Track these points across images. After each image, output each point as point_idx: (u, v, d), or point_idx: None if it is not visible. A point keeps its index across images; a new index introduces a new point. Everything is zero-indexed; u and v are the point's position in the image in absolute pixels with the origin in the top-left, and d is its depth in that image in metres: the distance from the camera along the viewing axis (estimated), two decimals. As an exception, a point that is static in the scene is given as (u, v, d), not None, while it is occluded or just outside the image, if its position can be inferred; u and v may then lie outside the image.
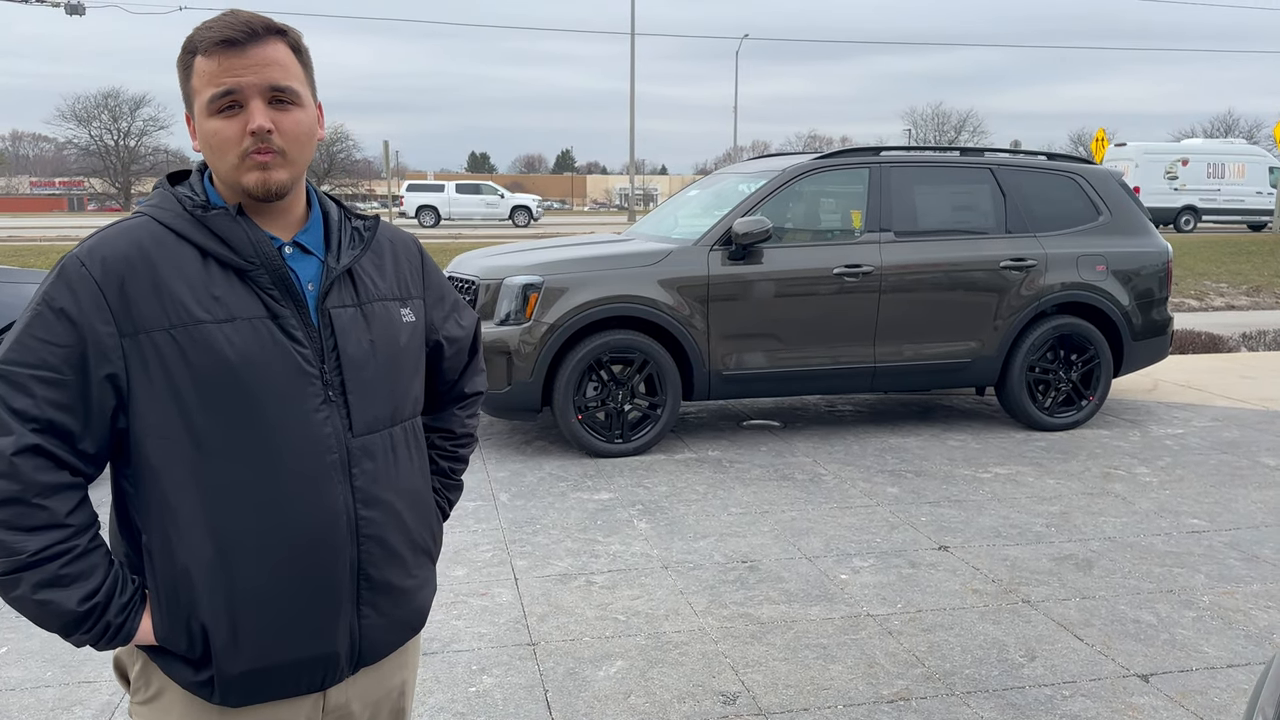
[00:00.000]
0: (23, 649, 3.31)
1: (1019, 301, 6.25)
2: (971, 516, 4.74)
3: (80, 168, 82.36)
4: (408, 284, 1.52)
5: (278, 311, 1.34)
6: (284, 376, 1.33)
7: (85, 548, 1.29)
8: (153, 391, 1.29)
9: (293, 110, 1.34)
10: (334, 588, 1.38)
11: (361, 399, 1.39)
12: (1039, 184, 6.51)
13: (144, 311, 1.28)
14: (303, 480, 1.34)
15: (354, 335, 1.40)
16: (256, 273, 1.33)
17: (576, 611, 3.65)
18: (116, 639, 1.33)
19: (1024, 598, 3.81)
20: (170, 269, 1.30)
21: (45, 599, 1.27)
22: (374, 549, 1.41)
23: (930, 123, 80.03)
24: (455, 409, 1.69)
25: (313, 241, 1.41)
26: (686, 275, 5.76)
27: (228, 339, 1.30)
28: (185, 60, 1.35)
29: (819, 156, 6.30)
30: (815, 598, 3.78)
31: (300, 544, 1.34)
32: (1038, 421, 6.39)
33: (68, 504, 1.28)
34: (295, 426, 1.33)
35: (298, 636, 1.37)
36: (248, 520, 1.32)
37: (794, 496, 5.02)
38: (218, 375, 1.29)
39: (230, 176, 1.34)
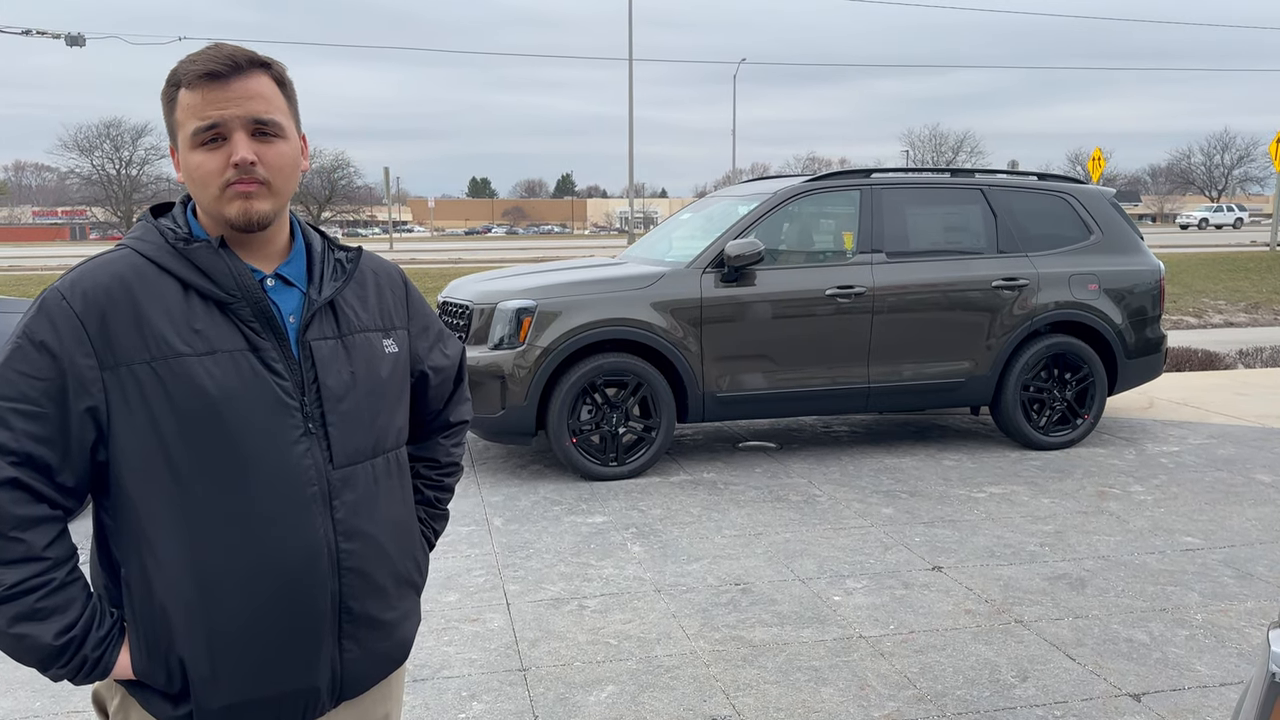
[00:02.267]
0: (11, 679, 3.30)
1: (1012, 321, 6.26)
2: (966, 536, 4.73)
3: (83, 197, 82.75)
4: (390, 315, 1.51)
5: (258, 344, 1.33)
6: (264, 409, 1.32)
7: (62, 581, 1.28)
8: (132, 424, 1.29)
9: (276, 142, 1.35)
10: (315, 622, 1.37)
11: (342, 431, 1.39)
12: (1030, 204, 6.54)
13: (124, 344, 1.28)
14: (283, 513, 1.33)
15: (334, 367, 1.39)
16: (238, 305, 1.33)
17: (568, 636, 3.64)
18: (94, 673, 1.32)
19: (1017, 618, 3.80)
20: (151, 301, 1.30)
21: (22, 633, 1.26)
22: (355, 581, 1.40)
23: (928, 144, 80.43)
24: (440, 438, 1.68)
25: (295, 273, 1.41)
26: (679, 298, 5.79)
27: (208, 372, 1.30)
28: (169, 93, 1.36)
29: (811, 179, 6.33)
30: (808, 620, 3.77)
31: (281, 579, 1.34)
32: (1033, 440, 6.39)
33: (45, 537, 1.27)
34: (275, 459, 1.33)
35: (278, 671, 1.36)
36: (227, 555, 1.31)
37: (788, 518, 5.01)
38: (197, 408, 1.29)
39: (213, 207, 1.34)
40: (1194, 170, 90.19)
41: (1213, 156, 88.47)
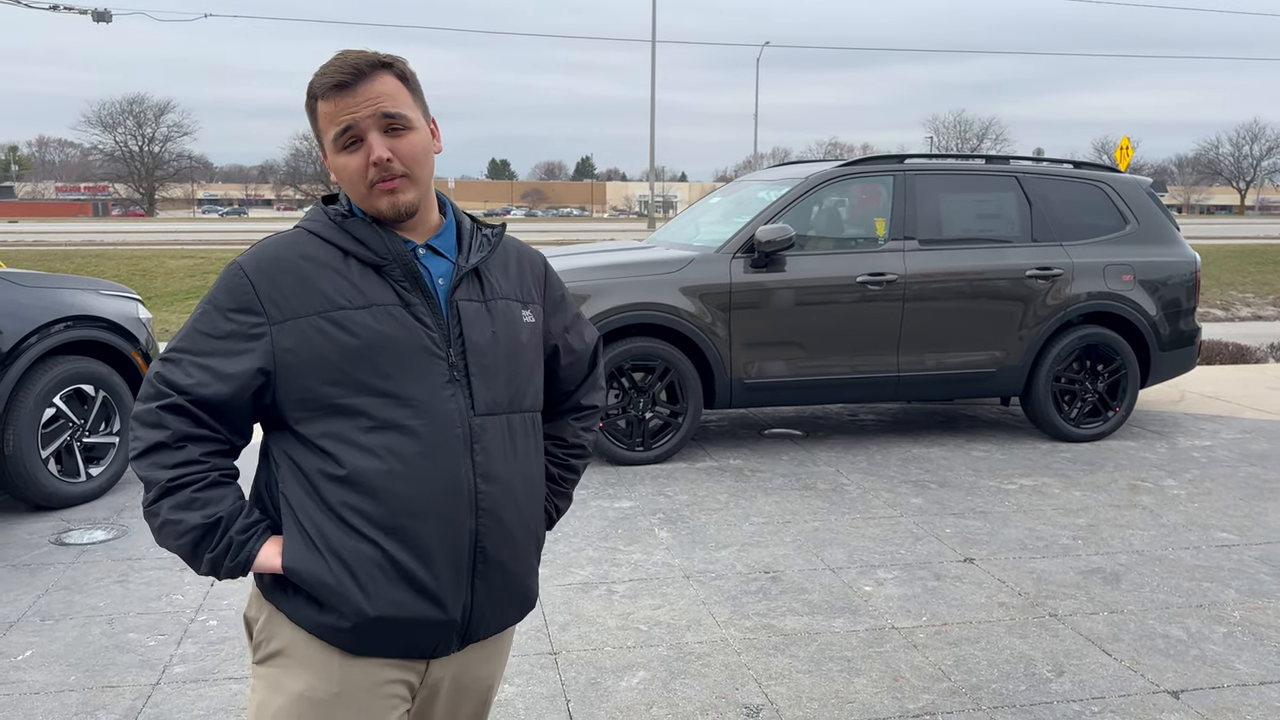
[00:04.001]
0: (46, 652, 3.32)
1: (1045, 311, 6.18)
2: (997, 528, 4.69)
3: (105, 173, 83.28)
4: (530, 290, 1.64)
5: (409, 300, 1.48)
6: (414, 354, 1.46)
7: (215, 480, 1.45)
8: (300, 369, 1.44)
9: (407, 134, 1.48)
10: (456, 556, 1.47)
11: (483, 382, 1.51)
12: (1065, 192, 6.45)
13: (291, 303, 1.45)
14: (431, 449, 1.45)
15: (479, 325, 1.52)
16: (390, 267, 1.48)
17: (598, 621, 3.62)
18: (239, 559, 1.44)
19: (1051, 611, 3.76)
20: (314, 266, 1.47)
21: (177, 518, 1.42)
22: (491, 524, 1.50)
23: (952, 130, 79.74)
24: (570, 419, 1.78)
25: (445, 245, 1.56)
26: (709, 283, 5.74)
27: (364, 323, 1.45)
28: (310, 105, 1.50)
29: (843, 164, 6.26)
30: (839, 610, 3.74)
31: (423, 508, 1.45)
32: (1063, 432, 6.32)
33: (204, 449, 1.46)
34: (425, 400, 1.46)
35: (419, 597, 1.45)
36: (378, 482, 1.43)
37: (817, 507, 4.98)
38: (356, 352, 1.44)
39: (364, 204, 1.50)
40: (1222, 161, 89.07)
41: (1241, 147, 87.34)
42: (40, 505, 4.72)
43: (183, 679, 3.15)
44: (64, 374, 4.75)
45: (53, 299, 4.79)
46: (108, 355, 5.04)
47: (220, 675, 3.17)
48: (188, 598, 3.79)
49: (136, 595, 3.81)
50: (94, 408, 4.93)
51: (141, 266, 19.55)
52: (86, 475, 4.90)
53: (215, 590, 3.85)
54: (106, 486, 4.99)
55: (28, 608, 3.68)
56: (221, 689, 3.08)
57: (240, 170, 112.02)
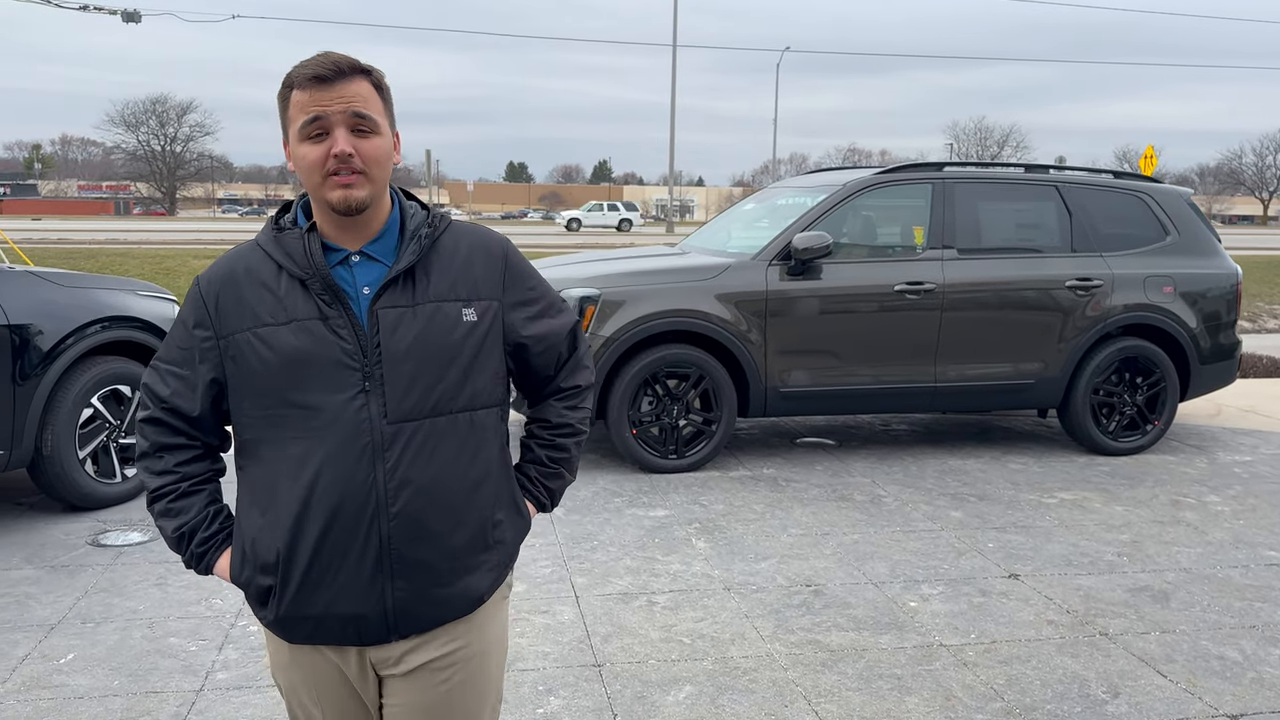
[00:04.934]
0: (89, 656, 3.30)
1: (1084, 322, 6.10)
2: (1040, 544, 4.61)
3: (127, 172, 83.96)
4: (478, 285, 1.63)
5: (327, 313, 1.54)
6: (328, 367, 1.53)
7: (185, 491, 1.63)
8: (238, 381, 1.58)
9: (372, 137, 1.53)
10: (361, 557, 1.55)
11: (398, 390, 1.54)
12: (1106, 202, 6.37)
13: (230, 319, 1.57)
14: (338, 458, 1.53)
15: (399, 332, 1.55)
16: (311, 281, 1.55)
17: (640, 633, 3.57)
18: (200, 566, 1.65)
19: (1101, 630, 3.69)
20: (251, 282, 1.57)
21: (161, 525, 1.64)
22: (405, 526, 1.55)
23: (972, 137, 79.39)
24: (552, 401, 1.78)
25: (381, 250, 1.59)
26: (745, 290, 5.69)
27: (283, 338, 1.53)
28: (284, 94, 1.55)
29: (881, 171, 6.20)
30: (885, 625, 3.68)
31: (333, 515, 1.53)
32: (1101, 445, 6.23)
33: (179, 458, 1.63)
34: (334, 411, 1.53)
35: (330, 595, 1.56)
36: (293, 489, 1.55)
37: (854, 519, 4.92)
38: (278, 366, 1.54)
39: (317, 193, 1.54)
40: (1245, 170, 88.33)
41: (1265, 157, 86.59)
42: (76, 506, 4.71)
43: (226, 685, 3.12)
44: (101, 374, 4.74)
45: (91, 299, 4.79)
46: (144, 356, 5.03)
47: (264, 682, 3.14)
48: (227, 602, 3.76)
49: (175, 599, 3.78)
50: (130, 408, 4.92)
51: (165, 265, 19.64)
52: (122, 476, 4.89)
53: (254, 595, 3.82)
54: (142, 487, 4.97)
55: (68, 610, 3.66)
56: (265, 696, 3.05)
57: (260, 170, 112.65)
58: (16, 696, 3.03)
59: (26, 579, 3.96)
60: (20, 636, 3.44)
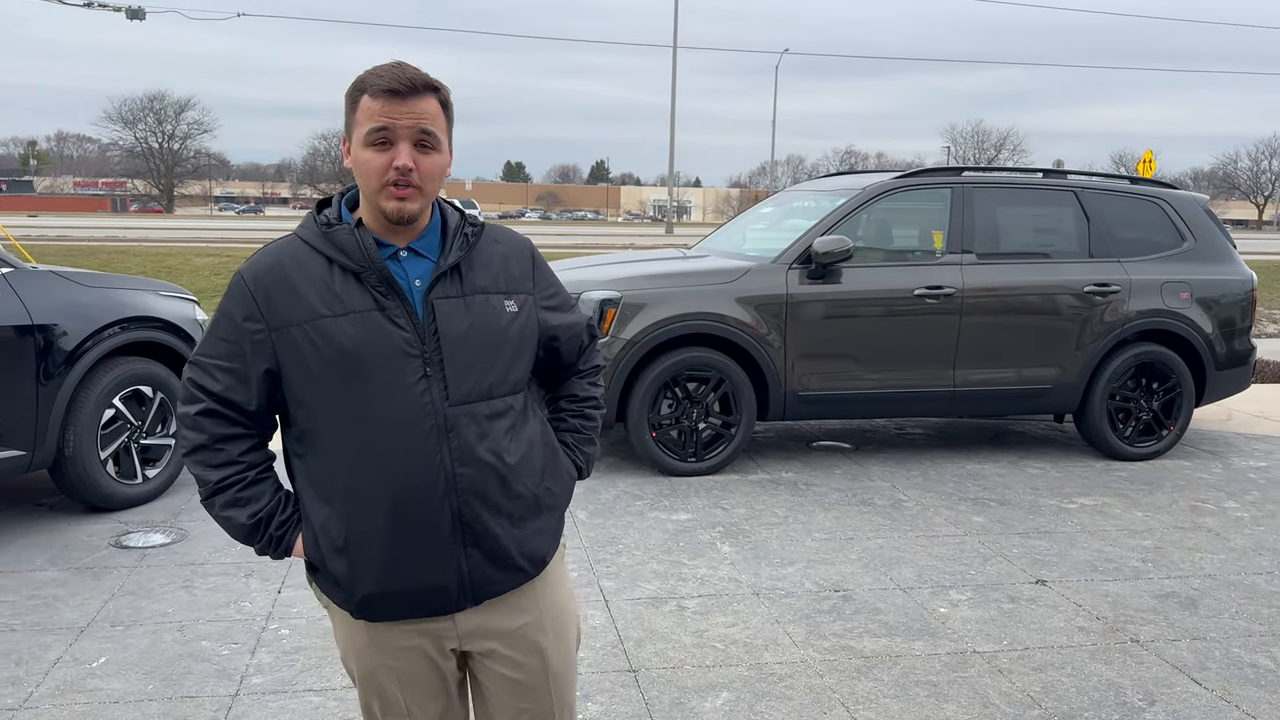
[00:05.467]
0: (121, 660, 3.28)
1: (1102, 328, 6.10)
2: (1064, 549, 4.61)
3: (124, 169, 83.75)
4: (516, 281, 1.74)
5: (384, 304, 1.61)
6: (390, 355, 1.60)
7: (254, 479, 1.67)
8: (296, 373, 1.62)
9: (432, 154, 1.62)
10: (436, 532, 1.63)
11: (458, 374, 1.63)
12: (1123, 208, 6.37)
13: (283, 311, 1.60)
14: (406, 442, 1.60)
15: (454, 320, 1.64)
16: (366, 274, 1.61)
17: (673, 638, 3.56)
18: (279, 549, 1.69)
19: (1132, 637, 3.68)
20: (302, 276, 1.61)
21: (228, 515, 1.67)
22: (473, 501, 1.64)
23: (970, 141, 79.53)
24: (575, 379, 1.92)
25: (426, 246, 1.67)
26: (765, 293, 5.68)
27: (342, 330, 1.59)
28: (354, 96, 1.61)
29: (901, 175, 6.20)
30: (917, 631, 3.67)
31: (404, 495, 1.61)
32: (1117, 451, 6.24)
33: (240, 447, 1.67)
34: (399, 397, 1.60)
35: (408, 570, 1.63)
36: (364, 473, 1.61)
37: (878, 523, 4.91)
38: (338, 357, 1.59)
39: (373, 198, 1.61)
40: (1240, 175, 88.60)
41: (1260, 162, 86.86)
42: (97, 507, 4.69)
43: (262, 690, 3.10)
44: (123, 375, 4.72)
45: (113, 300, 4.77)
46: (165, 356, 5.01)
47: (299, 687, 3.12)
48: (256, 605, 3.74)
49: (204, 602, 3.77)
50: (151, 409, 4.90)
51: (167, 264, 19.60)
52: (143, 477, 4.87)
53: (283, 598, 3.81)
54: (162, 488, 4.96)
55: (96, 613, 3.64)
56: (302, 701, 3.04)
57: (257, 168, 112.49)
58: (51, 701, 3.01)
59: (52, 581, 3.94)
60: (50, 639, 3.42)
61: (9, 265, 4.41)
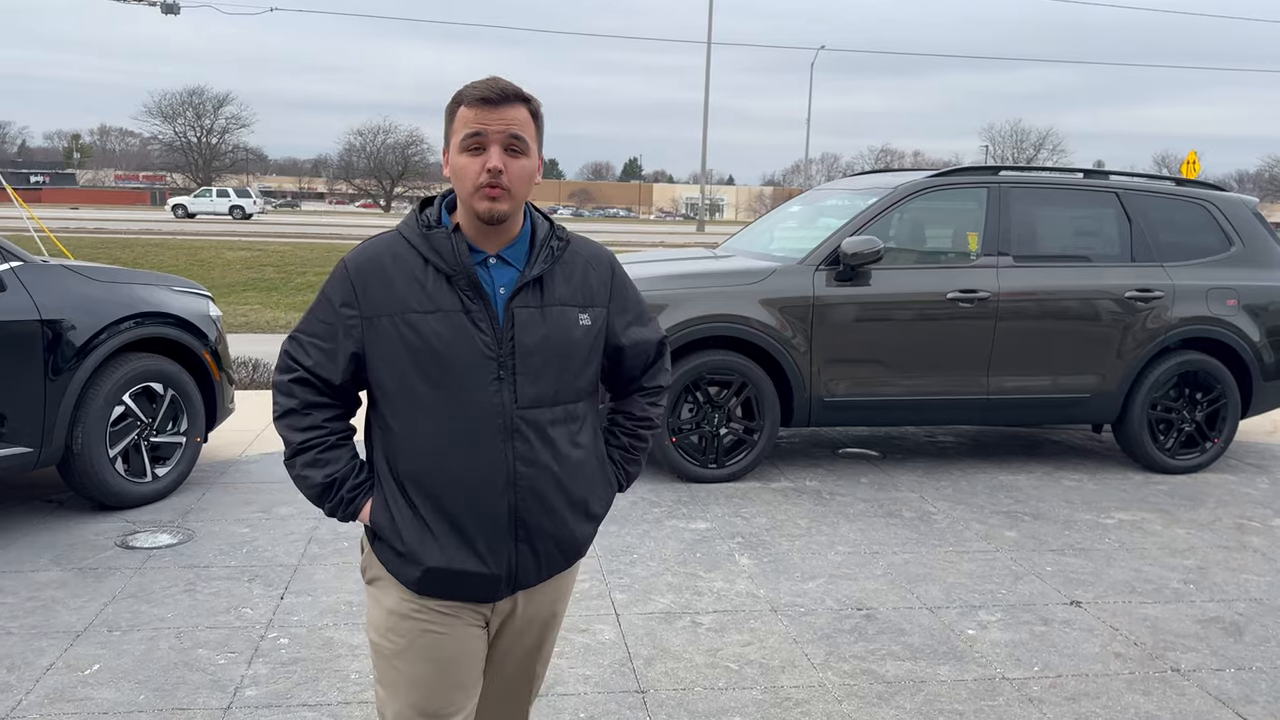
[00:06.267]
0: (114, 667, 3.18)
1: (1144, 335, 5.86)
2: (1100, 568, 4.40)
3: (164, 163, 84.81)
4: (593, 294, 1.84)
5: (470, 307, 1.72)
6: (469, 356, 1.71)
7: (333, 444, 1.79)
8: (381, 358, 1.74)
9: (521, 158, 1.72)
10: (495, 524, 1.75)
11: (528, 380, 1.74)
12: (1167, 210, 6.12)
13: (377, 301, 1.72)
14: (476, 436, 1.72)
15: (531, 329, 1.74)
16: (457, 277, 1.72)
17: (685, 656, 3.41)
18: (348, 511, 1.80)
19: (1173, 665, 3.48)
20: (399, 271, 1.73)
21: (305, 475, 1.79)
22: (530, 500, 1.76)
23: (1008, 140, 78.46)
24: (637, 396, 1.98)
25: (514, 255, 1.77)
26: (790, 295, 5.51)
27: (429, 326, 1.70)
28: (451, 109, 1.73)
29: (935, 174, 5.99)
30: (943, 655, 3.49)
31: (468, 485, 1.73)
32: (1157, 463, 6.00)
33: (325, 415, 1.79)
34: (474, 395, 1.71)
35: (468, 556, 1.74)
36: (434, 461, 1.73)
37: (904, 537, 4.72)
38: (422, 350, 1.71)
39: (468, 201, 1.72)
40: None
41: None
42: (105, 505, 4.62)
43: (255, 704, 2.99)
44: (134, 371, 4.65)
45: (125, 295, 4.69)
46: (178, 353, 4.93)
47: (293, 701, 3.01)
48: (257, 611, 3.64)
49: (205, 607, 3.67)
50: (162, 406, 4.82)
51: (200, 257, 19.73)
52: (153, 475, 4.79)
53: (285, 605, 3.70)
54: (172, 487, 4.88)
55: (94, 616, 3.55)
56: (295, 716, 2.92)
57: (294, 163, 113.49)
58: (40, 710, 2.91)
59: (53, 582, 3.86)
60: (46, 644, 3.33)
61: (18, 259, 4.34)
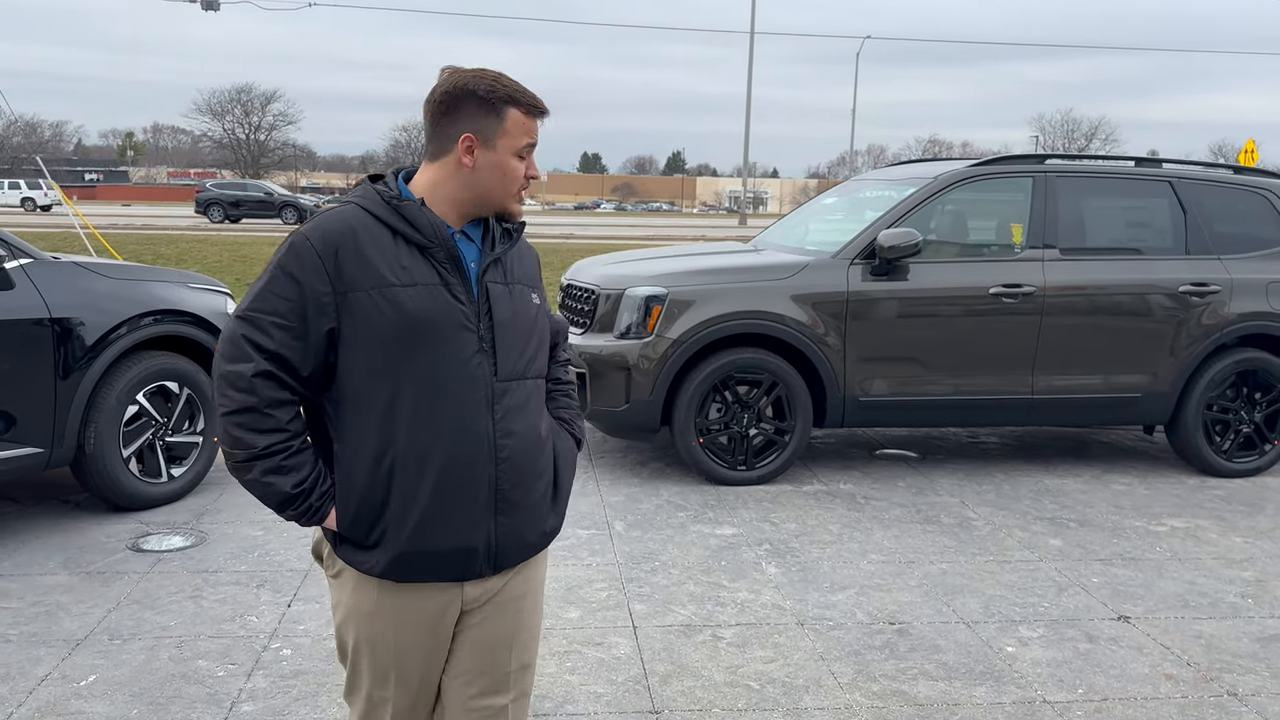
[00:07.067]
0: (111, 678, 3.08)
1: (1199, 331, 5.55)
2: (1151, 580, 4.14)
3: (214, 159, 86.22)
4: (535, 276, 1.92)
5: (448, 280, 1.71)
6: (451, 328, 1.70)
7: (298, 448, 1.70)
8: (356, 335, 1.67)
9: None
10: (476, 496, 1.73)
11: (505, 352, 1.76)
12: (1224, 200, 5.80)
13: (351, 275, 1.66)
14: (459, 409, 1.70)
15: (503, 304, 1.78)
16: (434, 249, 1.71)
17: (703, 674, 3.23)
18: (314, 518, 1.72)
19: (1229, 688, 3.23)
20: (370, 244, 1.68)
21: (269, 482, 1.68)
22: (509, 471, 1.76)
23: (1059, 130, 76.89)
24: (554, 365, 2.02)
25: (474, 232, 1.80)
26: (824, 291, 5.29)
27: (410, 299, 1.67)
28: (497, 106, 1.72)
29: (976, 163, 5.73)
30: (980, 675, 3.27)
31: (452, 458, 1.70)
32: (1213, 466, 5.69)
33: (288, 414, 1.69)
34: (456, 368, 1.70)
35: (445, 531, 1.71)
36: (416, 436, 1.69)
37: (942, 545, 4.49)
38: (402, 325, 1.67)
39: (500, 200, 1.77)
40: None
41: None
42: (119, 506, 4.54)
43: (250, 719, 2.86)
44: (148, 370, 4.57)
45: (138, 292, 4.61)
46: (193, 351, 4.84)
47: (291, 717, 2.88)
48: (262, 619, 3.52)
49: (209, 615, 3.56)
50: (178, 405, 4.73)
51: (242, 253, 19.88)
52: (168, 476, 4.71)
53: (292, 613, 3.58)
54: (188, 488, 4.80)
55: (96, 624, 3.46)
56: (290, 735, 2.79)
57: (342, 160, 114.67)
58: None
59: (59, 586, 3.78)
60: (44, 653, 3.24)
61: (28, 255, 4.27)
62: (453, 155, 1.73)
